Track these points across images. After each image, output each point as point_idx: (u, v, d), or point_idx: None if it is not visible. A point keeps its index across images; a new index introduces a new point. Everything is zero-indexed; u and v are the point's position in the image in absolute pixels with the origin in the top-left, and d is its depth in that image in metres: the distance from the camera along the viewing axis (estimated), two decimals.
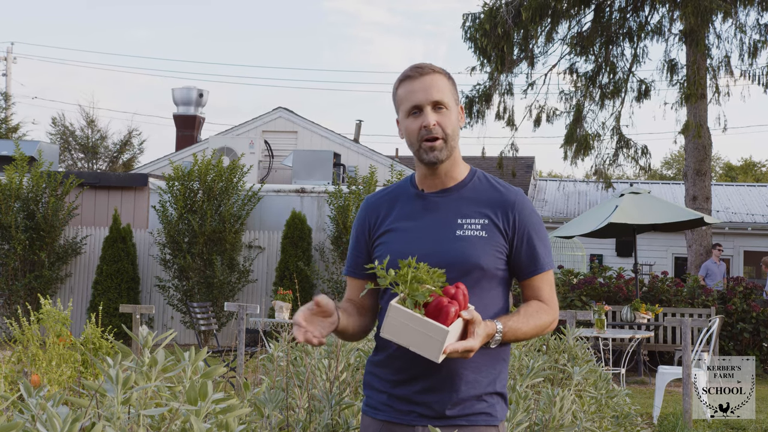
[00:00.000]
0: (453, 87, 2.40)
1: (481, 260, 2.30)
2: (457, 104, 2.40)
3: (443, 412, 2.27)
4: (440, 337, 2.06)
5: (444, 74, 2.39)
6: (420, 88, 2.34)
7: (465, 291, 2.16)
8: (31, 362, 6.33)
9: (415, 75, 2.36)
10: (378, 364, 2.38)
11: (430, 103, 2.33)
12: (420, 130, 2.34)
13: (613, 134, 17.26)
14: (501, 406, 2.35)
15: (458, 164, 2.41)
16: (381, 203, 2.48)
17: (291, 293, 10.91)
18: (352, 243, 2.51)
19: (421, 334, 2.07)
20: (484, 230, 2.33)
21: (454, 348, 2.09)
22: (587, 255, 18.80)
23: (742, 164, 42.17)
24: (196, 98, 20.98)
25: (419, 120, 2.34)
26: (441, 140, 2.33)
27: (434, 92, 2.34)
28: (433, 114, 2.33)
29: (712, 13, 15.11)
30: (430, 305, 2.10)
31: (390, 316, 2.10)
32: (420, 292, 2.11)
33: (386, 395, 2.34)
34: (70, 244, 14.72)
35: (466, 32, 16.58)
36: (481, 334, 2.15)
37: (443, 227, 2.35)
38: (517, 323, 2.28)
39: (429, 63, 2.41)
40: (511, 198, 2.38)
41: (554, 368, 4.90)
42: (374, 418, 2.37)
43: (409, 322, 2.08)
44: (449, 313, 2.07)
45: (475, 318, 2.14)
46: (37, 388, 1.99)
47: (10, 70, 34.39)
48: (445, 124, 2.34)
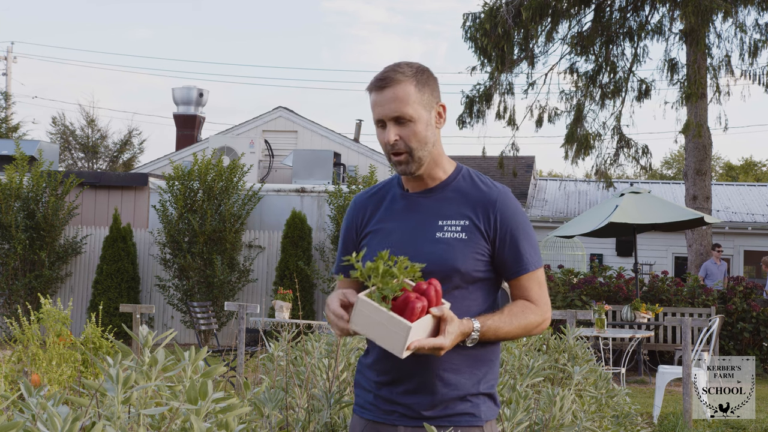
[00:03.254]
0: (424, 90, 2.32)
1: (459, 263, 2.28)
2: (429, 109, 2.33)
3: (424, 412, 2.28)
4: (403, 333, 2.05)
5: (412, 80, 2.30)
6: (381, 102, 2.30)
7: (438, 287, 2.14)
8: (31, 362, 6.33)
9: (379, 86, 2.31)
10: (366, 365, 2.40)
11: (390, 119, 2.30)
12: (386, 145, 2.33)
13: (613, 134, 17.27)
14: (487, 406, 2.34)
15: (439, 165, 2.39)
16: (368, 203, 2.47)
17: (291, 293, 10.92)
18: (341, 242, 2.52)
19: (386, 328, 2.07)
20: (464, 232, 2.31)
21: (420, 344, 2.09)
22: (587, 254, 18.79)
23: (743, 164, 42.17)
24: (196, 98, 20.99)
25: (384, 134, 2.32)
26: (405, 154, 2.31)
27: (395, 106, 2.28)
28: (395, 128, 2.30)
29: (713, 12, 15.11)
30: (397, 300, 2.09)
31: (357, 308, 2.10)
32: (389, 286, 2.10)
33: (372, 395, 2.37)
34: (70, 243, 14.73)
35: (467, 32, 16.58)
36: (453, 332, 2.14)
37: (424, 229, 2.34)
38: (498, 322, 2.26)
39: (401, 67, 2.32)
40: (492, 197, 2.35)
41: (554, 368, 4.90)
42: (361, 416, 2.40)
43: (375, 315, 2.08)
44: (414, 308, 2.06)
45: (446, 315, 2.13)
46: (38, 387, 1.99)
47: (10, 70, 34.40)
48: (408, 137, 2.30)
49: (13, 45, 35.10)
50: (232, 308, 7.88)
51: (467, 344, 2.23)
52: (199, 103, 21.10)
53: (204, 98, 21.17)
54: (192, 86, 21.05)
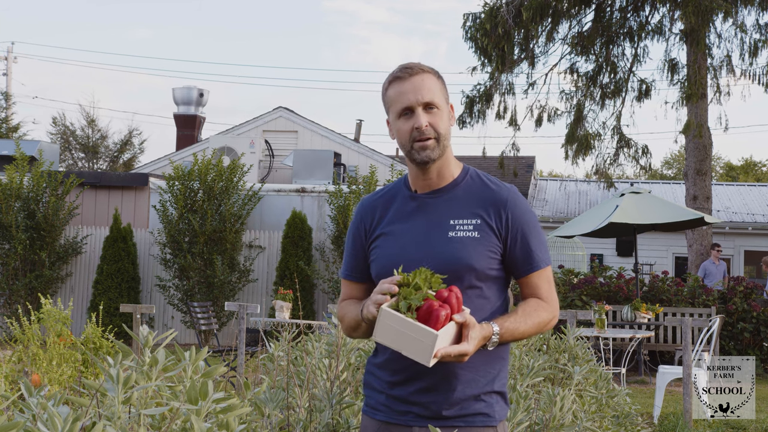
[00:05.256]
0: (443, 86, 2.38)
1: (474, 261, 2.29)
2: (447, 104, 2.38)
3: (440, 412, 2.28)
4: (430, 341, 2.06)
5: (433, 73, 2.36)
6: (410, 89, 2.32)
7: (459, 294, 2.15)
8: (31, 362, 6.33)
9: (404, 76, 2.33)
10: (377, 365, 2.39)
11: (421, 104, 2.31)
12: (412, 132, 2.32)
13: (613, 134, 17.26)
14: (500, 406, 2.34)
15: (450, 164, 2.40)
16: (376, 205, 2.47)
17: (291, 293, 10.92)
18: (349, 246, 2.50)
19: (412, 338, 2.08)
20: (477, 231, 2.32)
21: (446, 352, 2.09)
22: (588, 255, 18.79)
23: (743, 164, 42.16)
24: (196, 98, 20.99)
25: (411, 121, 2.32)
26: (433, 140, 2.32)
27: (425, 93, 2.31)
28: (425, 115, 2.31)
29: (713, 12, 15.11)
30: (420, 309, 2.10)
31: (381, 319, 2.11)
32: (413, 297, 2.10)
33: (384, 396, 2.35)
34: (70, 243, 14.73)
35: (467, 32, 16.59)
36: (476, 337, 2.15)
37: (435, 229, 2.34)
38: (514, 323, 2.27)
39: (418, 62, 2.38)
40: (503, 196, 2.36)
41: (555, 368, 4.90)
42: (373, 418, 2.38)
43: (400, 326, 2.08)
44: (439, 316, 2.07)
45: (468, 321, 2.14)
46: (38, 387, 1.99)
47: (11, 70, 34.39)
48: (437, 124, 2.32)
49: (13, 45, 35.10)
50: (232, 308, 7.88)
51: (488, 348, 2.24)
52: (200, 103, 21.10)
53: (204, 98, 21.17)
54: (192, 86, 21.05)
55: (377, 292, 2.18)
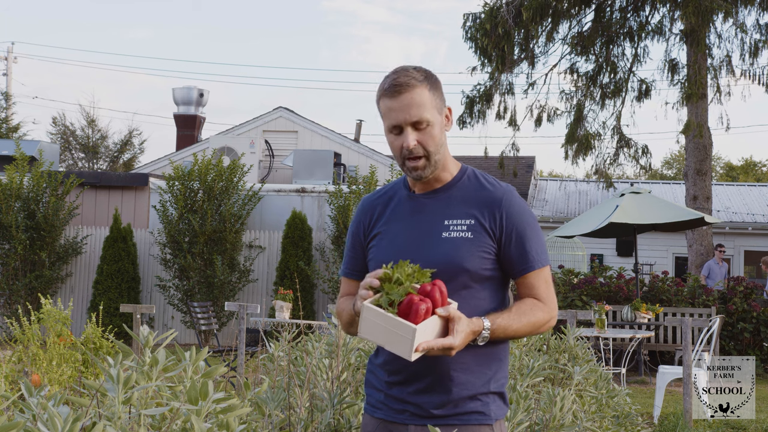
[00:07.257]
0: (435, 95, 2.33)
1: (466, 262, 2.29)
2: (441, 112, 2.35)
3: (434, 411, 2.30)
4: (409, 335, 2.06)
5: (425, 84, 2.31)
6: (398, 108, 2.29)
7: (442, 288, 2.14)
8: (31, 362, 6.33)
9: (393, 93, 2.29)
10: (377, 365, 2.42)
11: (409, 123, 2.29)
12: (402, 150, 2.32)
13: (613, 134, 17.27)
14: (497, 405, 2.35)
15: (447, 165, 2.40)
16: (375, 204, 2.48)
17: (291, 293, 10.92)
18: (349, 244, 2.52)
19: (393, 332, 2.08)
20: (470, 231, 2.32)
21: (429, 345, 2.09)
22: (588, 255, 18.80)
23: (743, 164, 42.17)
24: (196, 98, 20.98)
25: (400, 139, 2.32)
26: (423, 159, 2.32)
27: (413, 112, 2.28)
28: (413, 134, 2.30)
29: (713, 12, 15.11)
30: (401, 304, 2.10)
31: (364, 315, 2.12)
32: (394, 291, 2.11)
33: (383, 394, 2.38)
34: (70, 243, 14.73)
35: (467, 32, 16.60)
36: (463, 331, 2.14)
37: (430, 229, 2.35)
38: (507, 320, 2.26)
39: (410, 71, 2.32)
40: (498, 196, 2.35)
41: (555, 368, 4.90)
42: (372, 416, 2.42)
43: (381, 321, 2.09)
44: (419, 310, 2.07)
45: (453, 315, 2.13)
46: (38, 387, 1.99)
47: (11, 70, 34.38)
48: (427, 142, 2.31)
49: (13, 45, 35.05)
50: (232, 308, 7.88)
51: (479, 343, 2.24)
52: (200, 103, 21.09)
53: (204, 98, 21.16)
54: (192, 86, 21.04)
55: (361, 287, 2.19)
